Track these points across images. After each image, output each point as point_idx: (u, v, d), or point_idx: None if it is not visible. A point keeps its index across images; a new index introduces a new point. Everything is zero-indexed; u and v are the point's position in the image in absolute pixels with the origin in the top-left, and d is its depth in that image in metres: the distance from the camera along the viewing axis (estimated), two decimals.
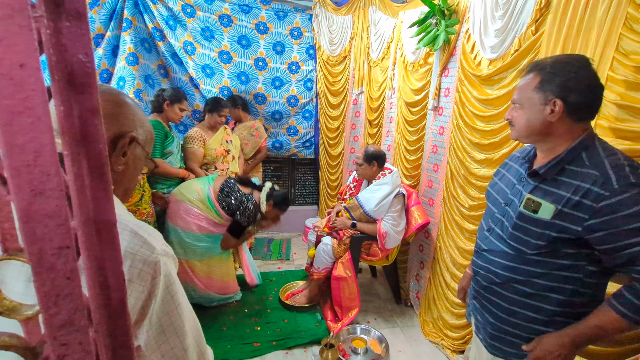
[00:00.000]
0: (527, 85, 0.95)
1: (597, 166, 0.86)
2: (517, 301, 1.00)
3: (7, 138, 0.21)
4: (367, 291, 2.77)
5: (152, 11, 2.88)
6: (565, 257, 0.91)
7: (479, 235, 1.15)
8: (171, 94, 2.36)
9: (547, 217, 0.90)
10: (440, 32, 2.05)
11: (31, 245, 0.23)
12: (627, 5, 1.16)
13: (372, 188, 2.30)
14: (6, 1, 0.20)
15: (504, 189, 1.08)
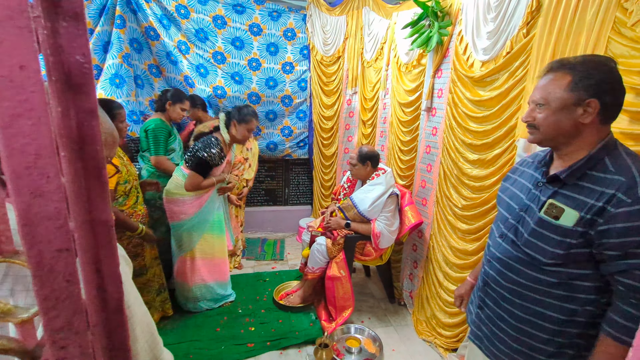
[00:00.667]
0: (555, 84, 0.90)
1: (623, 172, 0.83)
2: (527, 310, 0.96)
3: (7, 140, 0.21)
4: (361, 291, 2.78)
5: (145, 10, 2.85)
6: (582, 267, 0.88)
7: (490, 242, 1.11)
8: (173, 94, 2.46)
9: (569, 225, 0.87)
10: (433, 33, 2.07)
11: (31, 247, 0.23)
12: (615, 9, 1.19)
13: (366, 188, 2.31)
14: (6, 3, 0.19)
15: (518, 194, 1.04)
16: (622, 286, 0.82)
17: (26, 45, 0.20)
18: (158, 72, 2.98)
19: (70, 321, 0.25)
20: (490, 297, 1.07)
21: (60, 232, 0.24)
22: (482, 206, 1.83)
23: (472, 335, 1.16)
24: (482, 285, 1.11)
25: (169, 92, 2.47)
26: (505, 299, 1.02)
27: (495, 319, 1.05)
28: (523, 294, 0.97)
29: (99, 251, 0.34)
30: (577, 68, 0.88)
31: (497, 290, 1.04)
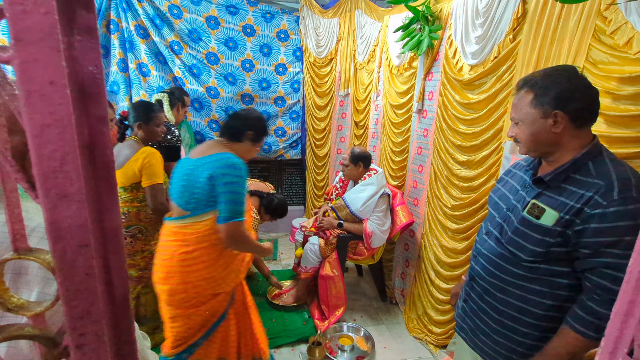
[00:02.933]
0: (522, 102, 0.97)
1: (603, 176, 0.87)
2: (508, 304, 1.01)
3: (37, 147, 0.23)
4: (354, 290, 2.81)
5: (137, 9, 2.85)
6: (560, 265, 0.93)
7: (477, 238, 1.17)
8: (177, 95, 2.42)
9: (549, 224, 0.91)
10: (424, 37, 2.12)
11: (55, 243, 0.25)
12: (595, 18, 1.24)
13: (358, 188, 2.35)
14: (40, 26, 0.22)
15: (507, 195, 1.09)
16: (589, 282, 0.87)
17: (56, 63, 0.23)
18: (147, 71, 2.98)
19: (89, 310, 0.28)
20: (475, 291, 1.12)
21: (81, 230, 0.26)
22: (470, 206, 1.88)
23: (457, 327, 1.22)
24: (469, 280, 1.17)
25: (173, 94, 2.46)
26: (488, 293, 1.07)
27: (479, 311, 1.10)
28: (504, 288, 1.02)
29: (108, 248, 0.36)
30: (538, 84, 0.94)
31: (481, 285, 1.09)
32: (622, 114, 1.15)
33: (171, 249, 1.33)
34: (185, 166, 1.38)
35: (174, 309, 1.36)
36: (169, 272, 1.33)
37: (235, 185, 1.29)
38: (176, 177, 1.39)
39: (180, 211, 1.34)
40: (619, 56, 1.17)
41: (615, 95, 1.17)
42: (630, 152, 1.13)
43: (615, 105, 1.18)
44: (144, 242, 1.88)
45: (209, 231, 1.32)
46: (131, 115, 1.85)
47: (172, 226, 1.36)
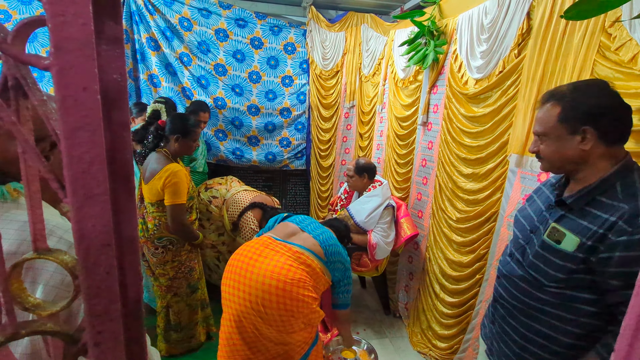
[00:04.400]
0: (548, 116, 0.92)
1: (630, 199, 0.81)
2: (532, 329, 0.97)
3: (69, 149, 0.24)
4: (357, 302, 2.78)
5: (149, 21, 2.93)
6: (585, 292, 0.88)
7: (501, 259, 1.13)
8: (190, 108, 2.49)
9: (570, 250, 0.86)
10: (429, 51, 2.15)
11: (80, 242, 0.26)
12: (600, 34, 1.26)
13: (363, 199, 2.35)
14: (77, 36, 0.23)
15: (532, 216, 1.04)
16: (621, 315, 0.83)
17: (89, 70, 0.24)
18: (157, 82, 3.04)
19: (108, 309, 0.28)
20: (499, 312, 1.08)
21: (105, 230, 0.27)
22: (476, 219, 1.88)
23: (487, 350, 1.17)
24: (493, 300, 1.13)
25: (190, 105, 2.54)
26: (511, 316, 1.02)
27: (503, 334, 1.06)
28: (527, 312, 0.98)
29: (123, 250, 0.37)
30: (566, 98, 0.89)
31: (504, 306, 1.05)
32: None
33: (296, 273, 1.36)
34: (328, 232, 1.58)
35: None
36: (287, 290, 1.33)
37: (347, 278, 1.59)
38: (328, 231, 1.59)
39: (319, 249, 1.46)
40: (624, 72, 1.18)
41: None
42: None
43: None
44: (174, 252, 1.92)
45: (321, 284, 1.48)
46: (169, 126, 1.84)
47: (302, 252, 1.42)
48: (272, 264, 1.34)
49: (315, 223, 1.62)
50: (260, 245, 1.43)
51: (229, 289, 1.37)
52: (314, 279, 1.41)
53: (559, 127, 0.90)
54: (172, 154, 1.85)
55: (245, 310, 1.32)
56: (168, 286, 1.96)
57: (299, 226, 1.56)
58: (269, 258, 1.36)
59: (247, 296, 1.31)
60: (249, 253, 1.40)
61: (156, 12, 2.95)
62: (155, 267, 1.96)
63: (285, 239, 1.48)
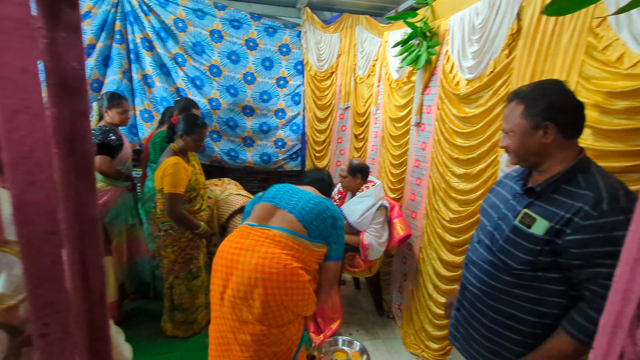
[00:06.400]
0: (513, 113, 1.00)
1: (593, 188, 0.89)
2: (500, 311, 1.02)
3: (7, 132, 0.24)
4: (351, 303, 2.77)
5: (143, 22, 2.93)
6: (549, 271, 0.94)
7: (469, 247, 1.18)
8: (181, 106, 2.46)
9: (540, 233, 0.93)
10: (422, 52, 2.16)
11: (21, 229, 0.25)
12: (587, 35, 1.27)
13: (356, 200, 2.34)
14: (13, 15, 0.23)
15: (498, 204, 1.11)
16: (589, 292, 0.88)
17: (28, 52, 0.24)
18: (151, 82, 3.03)
19: (54, 300, 0.28)
20: (467, 299, 1.12)
21: (49, 217, 0.26)
22: (468, 219, 1.87)
23: (451, 336, 1.21)
24: (461, 288, 1.17)
25: (178, 104, 2.50)
26: (480, 301, 1.07)
27: (471, 319, 1.10)
28: (496, 296, 1.03)
29: (85, 242, 0.37)
30: (528, 96, 0.98)
31: (473, 293, 1.10)
32: (615, 128, 1.16)
33: (281, 260, 1.30)
34: (307, 194, 1.49)
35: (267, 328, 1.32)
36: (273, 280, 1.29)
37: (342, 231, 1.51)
38: (305, 196, 1.48)
39: (298, 226, 1.39)
40: (610, 71, 1.19)
41: (608, 110, 1.18)
42: (622, 165, 1.13)
43: (609, 119, 1.18)
44: (174, 237, 2.09)
45: (317, 261, 1.44)
46: (179, 124, 2.04)
47: (281, 235, 1.35)
48: (256, 255, 1.29)
49: (290, 191, 1.50)
50: (239, 237, 1.37)
51: (218, 288, 1.35)
52: (301, 260, 1.35)
53: (523, 123, 0.98)
54: (179, 149, 2.04)
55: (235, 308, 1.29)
56: (170, 268, 2.13)
57: (273, 204, 1.45)
58: (250, 250, 1.31)
59: (235, 293, 1.29)
60: (230, 249, 1.35)
61: (151, 12, 2.95)
62: (159, 249, 2.14)
63: (262, 223, 1.41)
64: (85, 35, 2.81)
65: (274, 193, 1.51)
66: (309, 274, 1.39)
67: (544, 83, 1.02)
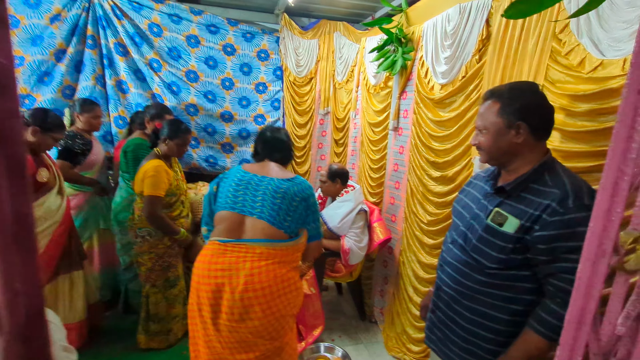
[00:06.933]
0: (489, 111, 1.02)
1: (559, 186, 0.92)
2: (475, 311, 1.03)
3: None
4: (333, 308, 2.75)
5: (117, 26, 2.85)
6: (521, 269, 0.96)
7: (443, 248, 1.19)
8: (152, 112, 2.37)
9: (511, 231, 0.95)
10: (398, 58, 2.19)
11: None
12: (551, 40, 1.32)
13: (336, 205, 2.34)
14: None
15: (470, 204, 1.12)
16: (552, 287, 0.91)
17: None
18: (126, 88, 2.95)
19: None
20: (443, 300, 1.13)
21: None
22: (445, 221, 1.90)
23: (427, 339, 1.21)
24: (436, 289, 1.18)
25: (149, 109, 2.41)
26: (455, 301, 1.08)
27: (447, 320, 1.11)
28: (471, 296, 1.04)
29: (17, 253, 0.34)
30: (504, 95, 1.00)
31: (448, 293, 1.10)
32: (578, 130, 1.20)
33: (270, 272, 1.24)
34: (269, 185, 1.35)
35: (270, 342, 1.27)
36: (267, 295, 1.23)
37: (317, 206, 1.45)
38: (268, 191, 1.34)
39: (273, 231, 1.30)
40: (573, 75, 1.24)
41: (572, 112, 1.23)
42: (586, 165, 1.17)
43: (573, 122, 1.23)
44: (151, 244, 2.04)
45: (299, 252, 1.39)
46: (164, 129, 2.02)
47: (260, 247, 1.27)
48: (242, 274, 1.23)
49: (250, 188, 1.34)
50: (216, 256, 1.27)
51: (207, 314, 1.24)
52: (288, 263, 1.31)
53: (498, 121, 1.00)
54: (162, 153, 2.01)
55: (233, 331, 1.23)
56: (147, 276, 2.08)
57: (238, 211, 1.32)
58: (234, 270, 1.24)
59: (231, 317, 1.22)
60: (211, 272, 1.25)
61: (124, 17, 2.88)
62: (136, 256, 2.09)
63: (235, 237, 1.30)
64: (55, 40, 2.71)
65: (233, 194, 1.34)
66: (297, 269, 1.36)
67: (520, 84, 1.06)
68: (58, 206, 1.85)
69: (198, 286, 1.28)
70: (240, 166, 1.45)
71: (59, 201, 1.87)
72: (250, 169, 1.42)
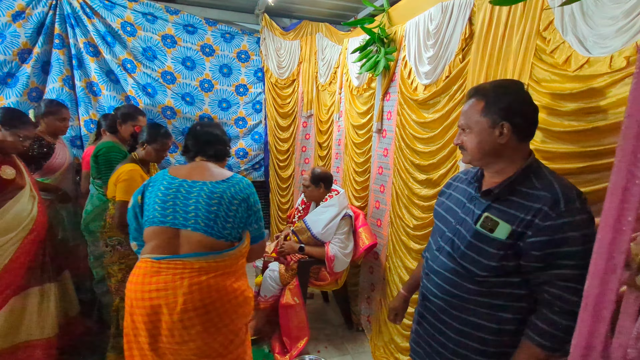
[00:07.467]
0: (473, 110, 0.98)
1: (548, 188, 0.88)
2: (465, 321, 0.98)
3: None
4: (319, 318, 2.66)
5: (87, 25, 2.71)
6: (512, 276, 0.92)
7: (428, 255, 1.12)
8: (124, 112, 2.21)
9: (503, 237, 0.90)
10: (380, 58, 2.14)
11: None
12: (535, 38, 1.28)
13: (319, 210, 2.26)
14: None
15: (454, 208, 1.07)
16: (548, 295, 0.86)
17: None
18: (97, 90, 2.80)
19: None
20: (429, 310, 1.07)
21: None
22: (431, 225, 1.84)
23: (412, 352, 1.15)
24: (422, 299, 1.12)
25: (120, 110, 2.25)
26: (443, 311, 1.03)
27: (435, 333, 1.05)
28: (459, 305, 0.99)
29: None
30: (489, 94, 0.96)
31: (436, 303, 1.05)
32: (565, 130, 1.16)
33: (212, 286, 1.13)
34: (202, 191, 1.19)
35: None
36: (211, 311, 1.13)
37: (259, 204, 1.34)
38: (201, 198, 1.18)
39: (212, 243, 1.17)
40: (559, 74, 1.20)
41: (558, 112, 1.19)
42: (574, 167, 1.13)
43: (559, 121, 1.19)
44: (122, 254, 1.92)
45: (244, 257, 1.29)
46: (142, 133, 1.91)
47: (199, 261, 1.14)
48: (180, 293, 1.09)
49: (180, 196, 1.19)
50: (149, 275, 1.12)
51: (144, 340, 1.12)
52: (232, 273, 1.19)
53: (482, 120, 0.95)
54: (140, 158, 1.91)
55: (175, 354, 1.12)
56: (117, 288, 1.94)
57: (169, 225, 1.17)
58: (171, 289, 1.10)
59: (171, 339, 1.11)
60: (144, 293, 1.11)
61: (95, 15, 2.74)
62: (106, 267, 1.96)
63: (169, 253, 1.15)
64: (19, 39, 2.54)
65: (161, 205, 1.18)
66: (244, 276, 1.27)
67: (505, 82, 1.01)
68: (29, 212, 1.73)
69: (132, 310, 1.14)
70: (167, 170, 1.28)
71: (29, 207, 1.74)
72: (177, 173, 1.25)
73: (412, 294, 1.42)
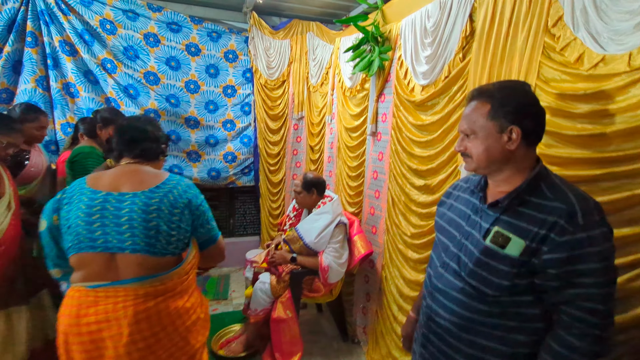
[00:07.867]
0: (477, 113, 0.89)
1: (562, 199, 0.81)
2: (475, 345, 0.90)
3: None
4: (312, 329, 2.54)
5: (62, 23, 2.54)
6: (526, 295, 0.85)
7: (432, 272, 1.03)
8: (104, 116, 2.04)
9: (516, 254, 0.82)
10: (374, 57, 2.04)
11: None
12: (543, 35, 1.19)
13: (312, 217, 2.14)
14: None
15: (457, 220, 0.99)
16: (566, 316, 0.79)
17: None
18: (75, 92, 2.63)
19: None
20: (436, 333, 0.98)
21: None
22: (431, 234, 1.74)
23: None
24: (426, 320, 1.02)
25: (99, 114, 2.09)
26: (451, 334, 0.94)
27: (442, 357, 0.96)
28: (469, 327, 0.90)
29: None
30: (495, 95, 0.88)
31: (442, 325, 0.95)
32: (579, 134, 1.07)
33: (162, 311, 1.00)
34: (134, 205, 1.01)
35: None
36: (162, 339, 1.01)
37: (206, 202, 1.19)
38: (136, 214, 1.01)
39: (155, 263, 1.01)
40: (570, 73, 1.11)
41: (570, 114, 1.10)
42: (590, 174, 1.04)
43: (572, 124, 1.10)
44: None
45: (195, 268, 1.15)
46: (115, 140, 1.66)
47: (143, 285, 0.99)
48: (125, 323, 0.95)
49: (108, 214, 1.01)
50: (85, 306, 0.97)
51: None
52: (183, 290, 1.07)
53: (489, 125, 0.87)
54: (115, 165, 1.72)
55: None
56: None
57: (102, 249, 1.00)
58: (113, 319, 0.96)
59: None
60: (82, 327, 0.96)
61: (71, 12, 2.58)
62: None
63: (107, 280, 0.99)
64: None
65: (87, 228, 0.99)
66: (197, 290, 1.15)
67: (511, 83, 0.93)
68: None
69: (67, 346, 0.99)
70: (85, 181, 1.07)
71: (1, 218, 1.57)
72: (98, 184, 1.05)
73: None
